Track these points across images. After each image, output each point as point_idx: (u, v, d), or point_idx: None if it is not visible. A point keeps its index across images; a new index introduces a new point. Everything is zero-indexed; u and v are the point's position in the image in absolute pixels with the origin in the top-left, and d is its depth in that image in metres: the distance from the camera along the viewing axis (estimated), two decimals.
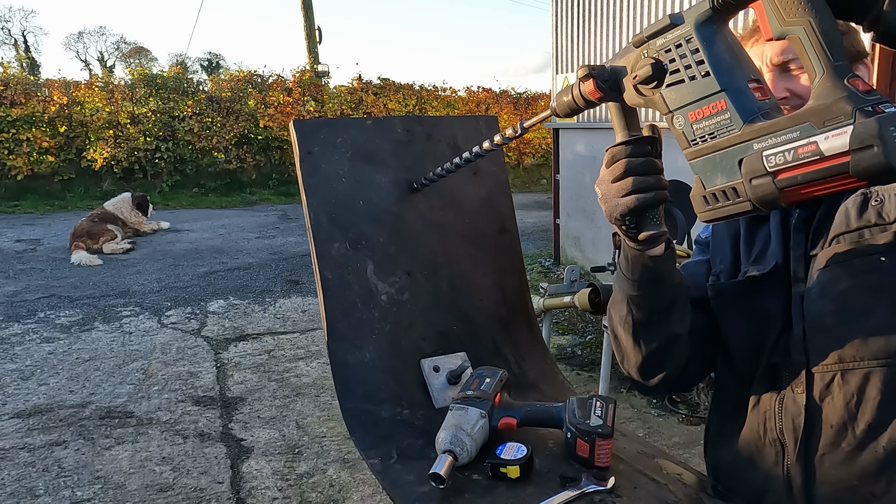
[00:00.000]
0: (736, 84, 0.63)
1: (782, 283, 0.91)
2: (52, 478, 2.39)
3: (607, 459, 0.95)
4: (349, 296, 1.18)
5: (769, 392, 0.91)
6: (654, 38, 0.69)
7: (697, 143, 0.67)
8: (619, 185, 0.79)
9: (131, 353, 3.75)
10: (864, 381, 0.82)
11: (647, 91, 0.71)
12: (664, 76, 0.68)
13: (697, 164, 0.67)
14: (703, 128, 0.66)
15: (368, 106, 11.92)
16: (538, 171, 13.43)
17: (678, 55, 0.67)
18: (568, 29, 5.56)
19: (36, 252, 6.45)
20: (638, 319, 0.94)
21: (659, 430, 2.80)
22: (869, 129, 0.52)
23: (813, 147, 0.56)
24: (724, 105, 0.63)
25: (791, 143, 0.57)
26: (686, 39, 0.65)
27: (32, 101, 9.71)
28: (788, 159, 0.58)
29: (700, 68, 0.65)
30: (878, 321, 0.80)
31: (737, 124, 0.63)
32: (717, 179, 0.65)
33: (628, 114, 0.78)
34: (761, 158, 0.60)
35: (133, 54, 37.23)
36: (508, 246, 1.39)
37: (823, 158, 0.55)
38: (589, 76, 0.75)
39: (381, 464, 1.01)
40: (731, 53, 0.65)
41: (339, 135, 1.25)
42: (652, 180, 0.78)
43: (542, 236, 7.35)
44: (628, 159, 0.78)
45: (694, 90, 0.66)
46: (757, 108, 0.63)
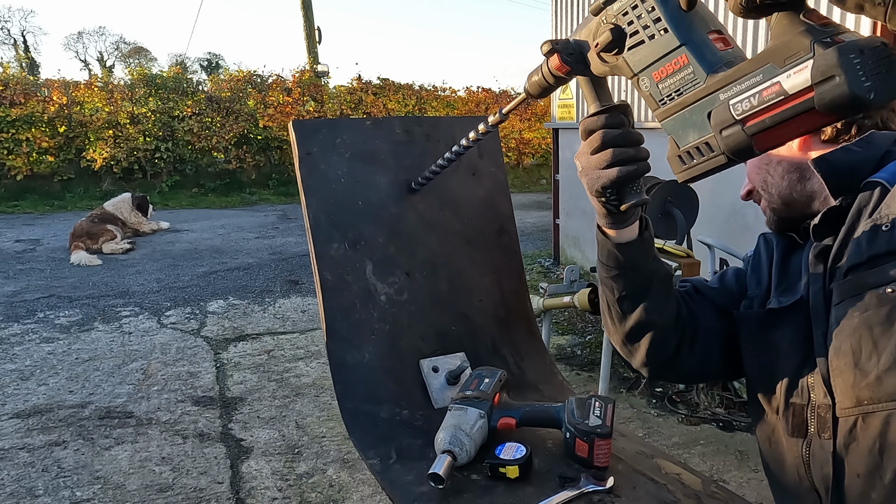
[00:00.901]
0: (695, 37, 0.63)
1: (803, 319, 0.87)
2: (52, 478, 2.39)
3: (606, 459, 0.95)
4: (348, 296, 1.18)
5: (796, 437, 0.86)
6: (611, 2, 0.68)
7: (665, 102, 0.66)
8: (599, 156, 0.78)
9: (131, 353, 3.75)
10: (885, 426, 0.75)
11: (611, 58, 0.70)
12: (625, 40, 0.68)
13: (668, 123, 0.66)
14: (669, 86, 0.65)
15: (368, 106, 11.91)
16: (538, 171, 13.43)
17: (635, 17, 0.66)
18: (568, 29, 5.56)
19: (35, 252, 6.45)
20: (611, 300, 0.95)
21: (659, 430, 2.80)
22: (829, 59, 0.51)
23: (777, 87, 0.54)
24: (685, 59, 0.63)
25: (755, 88, 0.56)
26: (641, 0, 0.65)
27: (32, 101, 9.70)
28: (754, 104, 0.56)
29: (658, 26, 0.64)
30: (891, 358, 0.75)
31: (700, 77, 0.62)
32: (689, 137, 0.64)
33: (598, 85, 0.78)
34: (728, 107, 0.59)
35: (132, 54, 37.23)
36: (507, 246, 1.39)
37: (788, 97, 0.54)
38: (553, 51, 0.74)
39: (381, 464, 1.01)
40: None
41: (339, 135, 1.25)
42: (632, 151, 0.78)
43: (542, 236, 7.35)
44: (605, 130, 0.77)
45: (655, 49, 0.65)
46: (719, 59, 0.62)
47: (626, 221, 0.87)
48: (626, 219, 0.87)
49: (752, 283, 1.00)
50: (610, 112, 0.78)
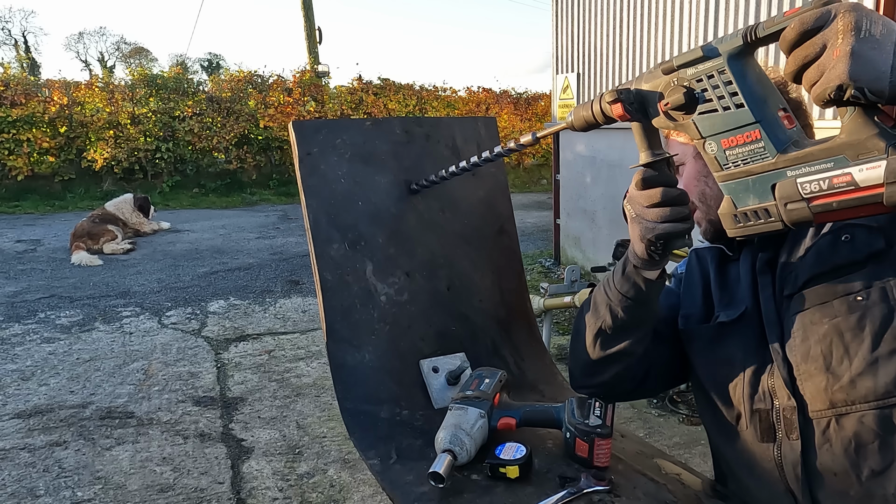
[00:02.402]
0: (768, 116, 0.67)
1: (753, 328, 0.92)
2: (53, 478, 2.39)
3: (606, 459, 0.95)
4: (348, 297, 1.18)
5: (766, 442, 0.89)
6: (685, 67, 0.72)
7: (730, 167, 0.71)
8: (657, 211, 0.82)
9: (132, 353, 3.75)
10: (860, 426, 0.80)
11: (679, 116, 0.74)
12: (696, 104, 0.72)
13: (729, 185, 0.71)
14: (737, 154, 0.70)
15: (369, 106, 11.91)
16: (538, 171, 13.42)
17: (710, 86, 0.70)
18: (568, 29, 5.56)
19: (36, 252, 6.45)
20: (606, 325, 0.98)
21: (659, 431, 2.80)
22: None
23: (848, 178, 0.60)
24: (758, 135, 0.67)
25: (825, 173, 0.62)
26: (719, 71, 0.69)
27: (33, 101, 9.70)
28: (823, 187, 0.63)
29: (734, 100, 0.68)
30: (863, 361, 0.80)
31: (771, 153, 0.67)
32: (748, 200, 0.70)
33: (651, 133, 0.82)
34: (796, 185, 0.65)
35: (133, 55, 37.24)
36: (507, 247, 1.39)
37: (858, 188, 0.60)
38: (617, 100, 0.78)
39: (381, 464, 1.01)
40: (761, 85, 0.68)
41: (339, 136, 1.25)
42: (687, 211, 0.82)
43: (543, 236, 7.35)
44: (665, 189, 0.81)
45: (727, 120, 0.69)
46: (788, 138, 0.67)
47: (659, 267, 0.92)
48: (660, 265, 0.91)
49: (685, 301, 1.05)
50: (663, 163, 0.82)
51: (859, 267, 0.82)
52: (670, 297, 1.08)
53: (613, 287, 0.96)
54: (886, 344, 0.79)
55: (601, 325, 0.99)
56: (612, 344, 1.00)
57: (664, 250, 0.86)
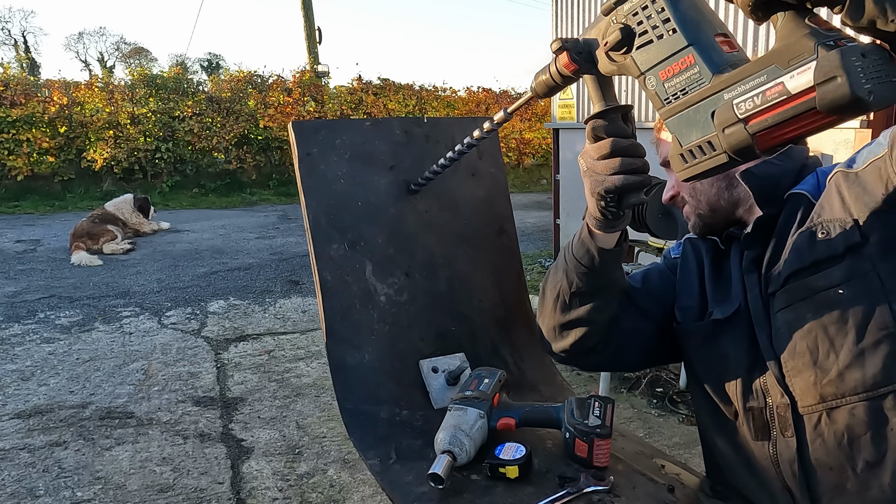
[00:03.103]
0: (703, 38, 0.64)
1: (745, 326, 0.91)
2: (53, 478, 2.39)
3: (606, 459, 0.95)
4: (348, 297, 1.19)
5: (761, 440, 0.89)
6: (622, 3, 0.70)
7: (670, 100, 0.67)
8: (606, 163, 0.80)
9: (131, 353, 3.75)
10: (851, 418, 0.80)
11: (619, 57, 0.71)
12: (633, 40, 0.69)
13: (672, 122, 0.67)
14: (675, 85, 0.66)
15: (368, 106, 11.91)
16: (538, 171, 13.43)
17: (645, 17, 0.67)
18: (568, 29, 5.56)
19: (36, 252, 6.45)
20: (563, 291, 0.98)
21: (659, 431, 2.80)
22: (831, 60, 0.52)
23: (780, 87, 0.56)
24: (692, 59, 0.64)
25: (759, 88, 0.57)
26: (651, 1, 0.66)
27: (32, 101, 9.70)
28: (757, 103, 0.57)
29: (667, 26, 0.65)
30: (849, 354, 0.80)
31: (706, 77, 0.63)
32: (692, 135, 0.65)
33: (605, 85, 0.79)
34: (732, 107, 0.60)
35: (133, 55, 37.23)
36: (507, 247, 1.39)
37: (791, 97, 0.55)
38: (562, 48, 0.76)
39: (381, 464, 1.01)
40: (696, 10, 0.65)
41: (338, 136, 1.25)
42: (639, 162, 0.80)
43: (543, 236, 7.35)
44: (615, 139, 0.79)
45: (662, 48, 0.66)
46: (725, 60, 0.63)
47: (615, 227, 0.91)
48: (616, 224, 0.90)
49: (682, 291, 1.04)
50: (616, 113, 0.80)
51: (838, 261, 0.81)
52: (664, 279, 1.08)
53: (571, 252, 0.97)
54: (871, 335, 0.79)
55: (559, 290, 1.00)
56: (571, 309, 0.99)
57: (617, 206, 0.84)
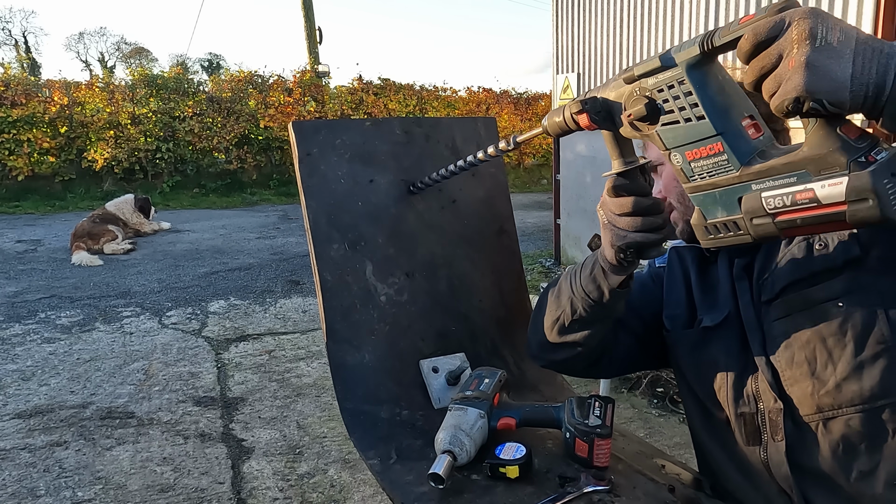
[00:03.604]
0: (731, 127, 0.65)
1: (735, 333, 0.92)
2: (54, 478, 2.39)
3: (606, 459, 0.95)
4: (348, 297, 1.19)
5: (752, 445, 0.90)
6: (646, 77, 0.70)
7: (696, 179, 0.69)
8: (628, 220, 0.82)
9: (132, 353, 3.75)
10: (847, 429, 0.81)
11: (643, 127, 0.72)
12: (658, 115, 0.69)
13: (698, 197, 0.70)
14: (702, 167, 0.68)
15: (369, 106, 11.91)
16: (539, 171, 13.42)
17: (671, 96, 0.67)
18: (569, 29, 5.56)
19: (37, 252, 6.45)
20: (565, 315, 0.99)
21: (660, 431, 2.80)
22: (863, 182, 0.54)
23: (810, 194, 0.58)
24: (720, 148, 0.65)
25: (788, 188, 0.60)
26: (678, 82, 0.66)
27: (33, 101, 9.70)
28: (787, 203, 0.61)
29: (695, 111, 0.66)
30: (847, 366, 0.81)
31: (734, 166, 0.65)
32: (717, 213, 0.68)
33: (622, 141, 0.80)
34: (760, 200, 0.63)
35: (133, 55, 37.24)
36: (507, 247, 1.39)
37: (821, 205, 0.58)
38: (582, 111, 0.77)
39: (381, 464, 1.01)
40: (723, 95, 0.65)
41: (338, 136, 1.25)
42: (660, 221, 0.82)
43: (543, 236, 7.35)
44: (637, 198, 0.80)
45: (690, 132, 0.67)
46: (752, 149, 0.64)
47: (629, 272, 0.92)
48: (630, 270, 0.91)
49: (670, 300, 1.05)
50: (636, 171, 0.81)
51: (836, 273, 0.82)
52: (645, 291, 1.08)
53: (579, 283, 0.97)
54: (870, 348, 0.80)
55: (560, 315, 1.00)
56: (569, 333, 1.01)
57: (634, 258, 0.86)
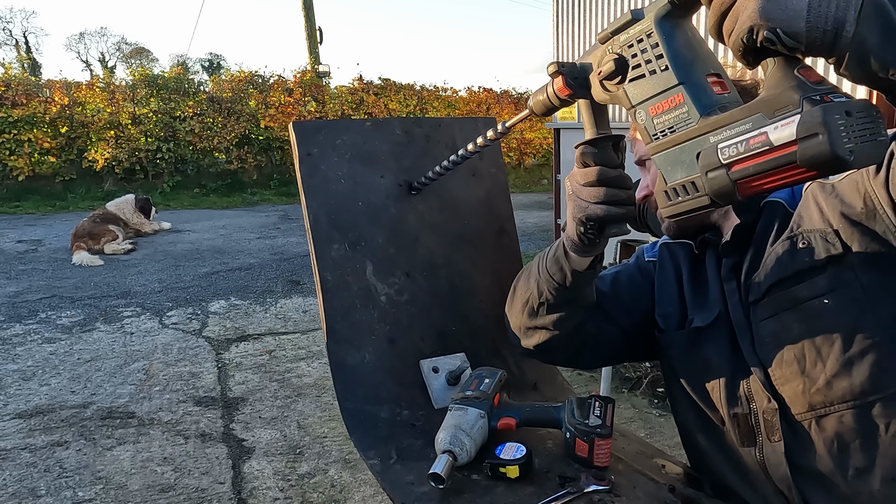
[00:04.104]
0: (693, 78, 0.63)
1: (726, 333, 0.92)
2: (54, 478, 2.40)
3: (606, 459, 0.95)
4: (348, 297, 1.19)
5: (747, 446, 0.90)
6: (618, 33, 0.69)
7: (658, 137, 0.67)
8: (592, 190, 0.80)
9: (133, 353, 3.75)
10: (840, 426, 0.81)
11: (612, 87, 0.71)
12: (627, 71, 0.68)
13: (659, 158, 0.67)
14: (663, 122, 0.66)
15: (369, 106, 11.91)
16: (539, 171, 13.42)
17: (640, 50, 0.67)
18: (569, 29, 5.56)
19: (37, 253, 6.46)
20: (533, 298, 0.99)
21: (661, 431, 2.80)
22: (814, 117, 0.52)
23: (763, 137, 0.55)
24: (681, 98, 0.63)
25: (743, 135, 0.57)
26: (647, 34, 0.65)
27: (34, 101, 9.71)
28: (740, 151, 0.57)
29: (660, 62, 0.65)
30: (837, 363, 0.80)
31: (694, 118, 0.62)
32: (677, 174, 0.65)
33: (598, 111, 0.79)
34: (716, 151, 0.60)
35: (134, 55, 37.26)
36: (507, 247, 1.39)
37: (773, 148, 0.55)
38: (558, 73, 0.76)
39: (381, 464, 1.01)
40: (689, 48, 0.64)
41: (339, 136, 1.25)
42: (624, 195, 0.80)
43: (543, 236, 7.35)
44: (602, 168, 0.79)
45: (654, 84, 0.66)
46: (714, 102, 0.62)
47: (591, 253, 0.90)
48: (592, 251, 0.90)
49: (662, 298, 1.04)
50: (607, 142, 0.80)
51: (820, 271, 0.82)
52: (633, 284, 1.08)
53: (545, 265, 0.97)
54: (857, 344, 0.79)
55: (529, 297, 1.00)
56: (536, 316, 1.00)
57: (597, 234, 0.84)
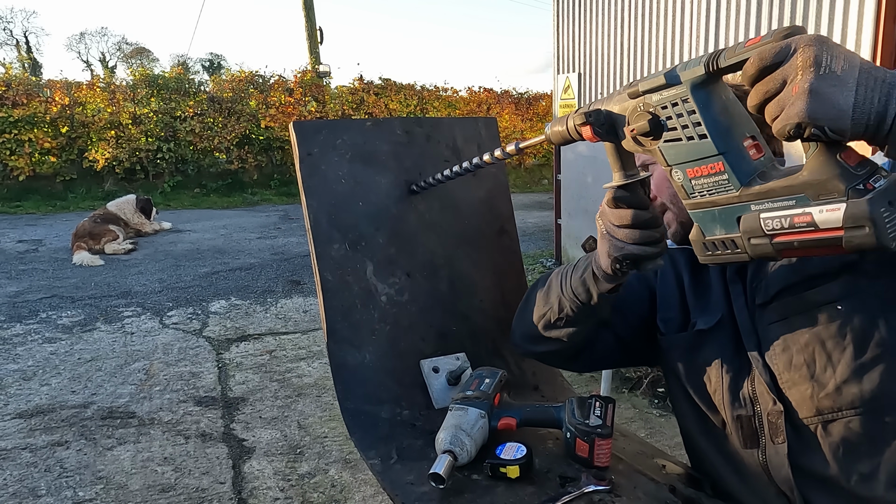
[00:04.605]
0: (732, 147, 0.65)
1: (729, 335, 0.92)
2: (55, 478, 2.40)
3: (607, 459, 0.95)
4: (349, 297, 1.19)
5: (750, 448, 0.90)
6: (650, 93, 0.70)
7: (696, 196, 0.70)
8: (627, 232, 0.81)
9: (133, 353, 3.75)
10: (847, 431, 0.81)
11: (646, 142, 0.72)
12: (661, 131, 0.70)
13: (697, 214, 0.71)
14: (702, 185, 0.69)
15: (370, 106, 11.91)
16: (539, 171, 13.42)
17: (674, 113, 0.68)
18: (570, 29, 5.56)
19: (38, 252, 6.46)
20: (552, 312, 1.00)
21: (661, 431, 2.80)
22: (861, 210, 0.56)
23: (808, 218, 0.60)
24: (721, 167, 0.66)
25: (787, 211, 0.62)
26: (682, 100, 0.67)
27: (34, 101, 9.71)
28: (784, 225, 0.62)
29: (697, 130, 0.66)
30: (848, 369, 0.80)
31: (734, 186, 0.66)
32: (715, 230, 0.69)
33: (624, 154, 0.80)
34: (759, 220, 0.64)
35: (135, 55, 37.26)
36: (508, 247, 1.39)
37: (818, 230, 0.59)
38: (586, 123, 0.77)
39: (382, 464, 1.01)
40: (726, 115, 0.66)
41: (339, 136, 1.25)
42: (657, 235, 0.81)
43: (544, 236, 7.35)
44: (636, 212, 0.80)
45: (691, 150, 0.68)
46: (753, 170, 0.65)
47: (621, 282, 0.91)
48: (622, 280, 0.91)
49: (663, 303, 1.04)
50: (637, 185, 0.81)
51: (833, 277, 0.82)
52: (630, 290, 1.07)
53: (569, 284, 0.97)
54: (870, 351, 0.80)
55: (547, 311, 1.01)
56: (554, 329, 1.02)
57: (629, 269, 0.86)
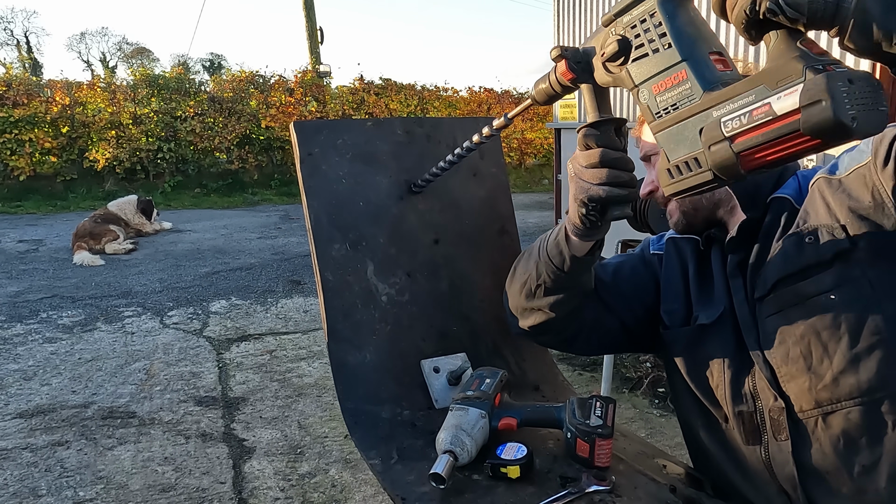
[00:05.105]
0: (696, 54, 0.64)
1: (731, 330, 0.91)
2: (55, 478, 2.40)
3: (607, 459, 0.95)
4: (349, 297, 1.19)
5: (752, 445, 0.89)
6: (621, 15, 0.70)
7: (661, 115, 0.67)
8: (594, 172, 0.80)
9: (133, 353, 3.75)
10: (847, 423, 0.80)
11: (615, 68, 0.71)
12: (630, 52, 0.69)
13: (662, 136, 0.67)
14: (666, 99, 0.66)
15: (370, 106, 11.92)
16: (540, 171, 13.42)
17: (643, 30, 0.67)
18: (570, 29, 5.56)
19: (38, 252, 6.46)
20: (531, 280, 1.00)
21: (661, 431, 2.80)
22: (818, 84, 0.52)
23: (766, 108, 0.56)
24: (684, 75, 0.64)
25: (746, 107, 0.57)
26: (650, 14, 0.66)
27: (35, 101, 9.72)
28: (744, 122, 0.57)
29: (662, 41, 0.65)
30: (844, 359, 0.80)
31: (697, 93, 0.63)
32: (680, 151, 0.65)
33: (600, 96, 0.79)
34: (719, 125, 0.60)
35: (135, 55, 37.27)
36: (508, 247, 1.39)
37: (776, 118, 0.55)
38: (561, 56, 0.76)
39: (382, 464, 1.01)
40: (692, 26, 0.65)
41: (340, 136, 1.25)
42: (626, 177, 0.80)
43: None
44: (605, 150, 0.79)
45: (657, 62, 0.66)
46: (717, 78, 0.63)
47: (592, 237, 0.90)
48: (593, 234, 0.89)
49: (667, 294, 1.04)
50: (609, 125, 0.80)
51: (826, 267, 0.81)
52: (636, 275, 1.07)
53: (545, 248, 0.97)
54: (864, 340, 0.79)
55: (527, 278, 1.01)
56: (533, 298, 1.01)
57: (599, 216, 0.84)
